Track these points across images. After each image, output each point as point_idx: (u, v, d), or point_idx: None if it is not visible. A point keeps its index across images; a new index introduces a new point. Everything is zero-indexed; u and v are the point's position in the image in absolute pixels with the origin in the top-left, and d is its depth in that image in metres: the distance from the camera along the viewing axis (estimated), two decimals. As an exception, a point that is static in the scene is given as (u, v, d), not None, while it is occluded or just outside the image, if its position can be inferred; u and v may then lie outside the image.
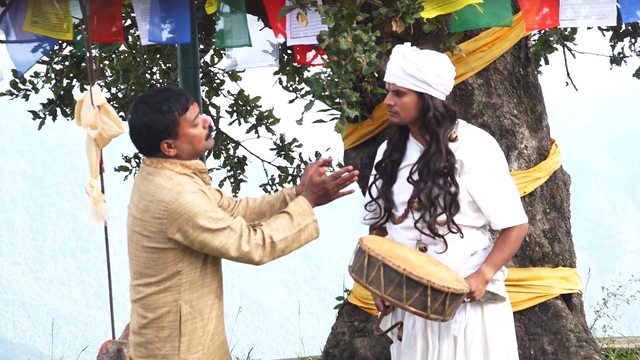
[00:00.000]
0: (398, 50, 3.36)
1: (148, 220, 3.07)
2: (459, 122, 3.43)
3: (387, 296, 3.10)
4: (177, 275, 3.11)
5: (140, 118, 3.09)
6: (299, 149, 7.43)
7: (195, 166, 3.17)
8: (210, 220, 3.04)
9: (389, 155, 3.51)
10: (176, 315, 3.13)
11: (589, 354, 4.64)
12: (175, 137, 3.10)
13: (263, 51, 5.47)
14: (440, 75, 3.31)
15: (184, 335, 3.14)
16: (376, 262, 3.12)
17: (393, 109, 3.38)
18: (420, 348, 3.43)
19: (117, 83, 6.88)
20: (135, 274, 3.18)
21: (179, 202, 3.02)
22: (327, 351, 5.12)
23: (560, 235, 4.91)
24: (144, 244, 3.10)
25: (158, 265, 3.10)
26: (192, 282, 3.14)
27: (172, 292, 3.12)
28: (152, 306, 3.14)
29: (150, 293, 3.13)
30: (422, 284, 3.08)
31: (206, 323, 3.19)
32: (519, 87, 5.01)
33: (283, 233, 3.17)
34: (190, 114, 3.12)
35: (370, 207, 3.57)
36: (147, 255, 3.11)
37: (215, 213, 3.06)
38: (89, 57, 4.52)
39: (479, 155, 3.35)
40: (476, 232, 3.43)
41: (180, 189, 3.06)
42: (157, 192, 3.06)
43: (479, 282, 3.32)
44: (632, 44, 7.02)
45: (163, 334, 3.15)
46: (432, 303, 3.10)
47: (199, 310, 3.17)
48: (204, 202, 3.07)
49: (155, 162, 3.13)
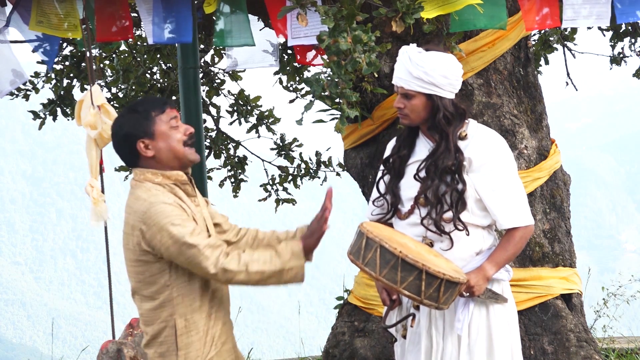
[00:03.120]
0: (404, 53, 3.36)
1: (129, 233, 3.09)
2: (470, 121, 3.44)
3: (381, 278, 3.11)
4: (167, 289, 3.11)
5: (120, 120, 3.16)
6: (299, 149, 7.44)
7: (176, 177, 3.15)
8: (179, 232, 3.00)
9: (397, 151, 3.51)
10: (172, 329, 3.14)
11: (589, 354, 4.64)
12: (151, 137, 3.10)
13: (263, 51, 5.47)
14: (447, 76, 3.31)
15: (181, 349, 3.14)
16: (373, 243, 3.13)
17: (403, 111, 3.39)
18: (424, 346, 3.43)
19: (117, 83, 6.88)
20: (132, 290, 3.20)
21: (150, 212, 3.02)
22: (327, 351, 5.12)
23: (560, 235, 4.91)
24: (130, 256, 3.12)
25: (146, 278, 3.11)
26: (184, 296, 3.13)
27: (166, 307, 3.12)
28: (151, 322, 3.15)
29: (147, 309, 3.15)
30: (417, 268, 3.09)
31: (202, 336, 3.18)
32: (519, 87, 5.01)
33: (262, 266, 3.07)
34: (166, 116, 3.13)
35: (378, 202, 3.57)
36: (136, 269, 3.12)
37: (185, 227, 3.02)
38: (89, 57, 4.52)
39: (487, 154, 3.35)
40: (482, 232, 3.43)
41: (154, 199, 3.05)
42: (134, 203, 3.08)
43: (480, 277, 3.31)
44: (632, 44, 7.02)
45: (162, 349, 3.16)
46: (427, 288, 3.10)
47: (195, 324, 3.16)
48: (175, 213, 3.04)
49: (138, 173, 3.14)
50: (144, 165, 3.15)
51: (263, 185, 7.47)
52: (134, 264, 3.11)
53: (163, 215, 3.01)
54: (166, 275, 3.09)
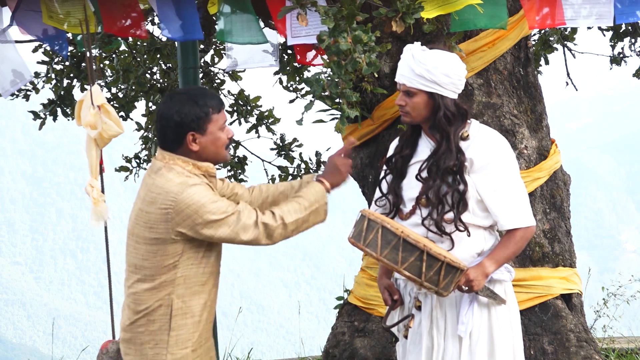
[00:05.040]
0: (407, 51, 3.37)
1: (153, 212, 3.11)
2: (472, 121, 3.44)
3: (382, 258, 3.13)
4: (172, 269, 3.14)
5: (175, 106, 3.15)
6: (299, 149, 7.43)
7: (207, 168, 3.21)
8: (217, 209, 3.09)
9: (399, 150, 3.52)
10: (167, 309, 3.16)
11: (589, 354, 4.64)
12: (202, 133, 3.16)
13: (263, 51, 5.46)
14: (449, 75, 3.31)
15: (173, 330, 3.17)
16: (375, 224, 3.16)
17: (404, 109, 3.40)
18: (425, 346, 3.43)
19: (117, 83, 6.87)
20: (130, 267, 3.21)
21: (187, 193, 3.07)
22: (327, 351, 5.12)
23: (560, 235, 4.91)
24: (146, 235, 3.13)
25: (156, 257, 3.13)
26: (186, 278, 3.17)
27: (165, 287, 3.15)
28: (145, 301, 3.17)
29: (144, 289, 3.17)
30: (419, 248, 3.10)
31: (197, 321, 3.21)
32: (519, 87, 5.01)
33: (295, 215, 3.20)
34: (221, 116, 3.21)
35: (380, 202, 3.58)
36: (147, 247, 3.14)
37: (222, 201, 3.12)
38: (89, 57, 4.52)
39: (489, 155, 3.35)
40: (483, 232, 3.43)
41: (189, 181, 3.11)
42: (165, 184, 3.11)
43: (479, 273, 3.31)
44: (632, 44, 7.02)
45: (153, 327, 3.18)
46: (427, 270, 3.11)
47: (190, 308, 3.19)
48: (210, 192, 3.12)
49: (168, 158, 3.18)
50: (180, 153, 3.18)
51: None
52: (148, 241, 3.14)
53: (200, 196, 3.08)
54: (177, 256, 3.14)
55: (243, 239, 3.14)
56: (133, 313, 3.20)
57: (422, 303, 3.44)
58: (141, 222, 3.16)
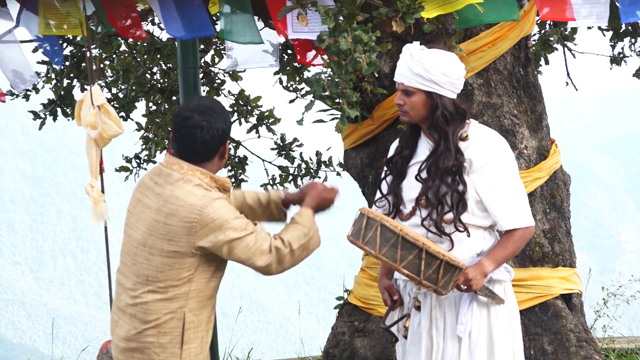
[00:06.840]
0: (406, 50, 3.38)
1: (175, 224, 3.09)
2: (471, 121, 3.44)
3: (381, 256, 3.13)
4: (187, 282, 3.14)
5: (216, 114, 3.18)
6: (299, 149, 7.43)
7: (223, 182, 3.22)
8: (239, 225, 3.10)
9: (399, 151, 3.52)
10: (179, 322, 3.15)
11: (589, 354, 4.64)
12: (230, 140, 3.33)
13: (263, 51, 5.46)
14: (447, 74, 3.31)
15: (186, 343, 3.17)
16: (374, 222, 3.16)
17: (402, 108, 3.40)
18: (424, 347, 3.43)
19: (117, 83, 6.88)
20: (140, 277, 3.16)
21: (212, 207, 3.08)
22: (327, 351, 5.12)
23: (560, 235, 4.91)
24: (164, 247, 3.11)
25: (172, 270, 3.12)
26: (199, 292, 3.17)
27: (178, 300, 3.14)
28: (155, 311, 3.14)
29: (156, 299, 3.14)
30: (417, 246, 3.11)
31: (204, 335, 3.23)
32: (519, 87, 5.01)
33: (299, 241, 3.22)
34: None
35: (380, 203, 3.58)
36: (163, 260, 3.12)
37: (242, 218, 3.13)
38: (89, 57, 4.52)
39: (488, 155, 3.35)
40: (483, 233, 3.43)
41: (212, 194, 3.12)
42: (187, 197, 3.10)
43: (478, 272, 3.30)
44: (632, 44, 7.02)
45: (164, 339, 3.15)
46: (426, 268, 3.11)
47: (201, 321, 3.20)
48: (232, 208, 3.14)
49: (187, 168, 3.16)
50: (203, 165, 3.18)
51: (263, 185, 7.46)
52: (165, 254, 3.11)
53: (226, 210, 3.10)
54: (193, 269, 3.13)
55: (257, 264, 3.15)
56: (141, 323, 3.15)
57: (421, 303, 3.44)
58: (158, 234, 3.12)
